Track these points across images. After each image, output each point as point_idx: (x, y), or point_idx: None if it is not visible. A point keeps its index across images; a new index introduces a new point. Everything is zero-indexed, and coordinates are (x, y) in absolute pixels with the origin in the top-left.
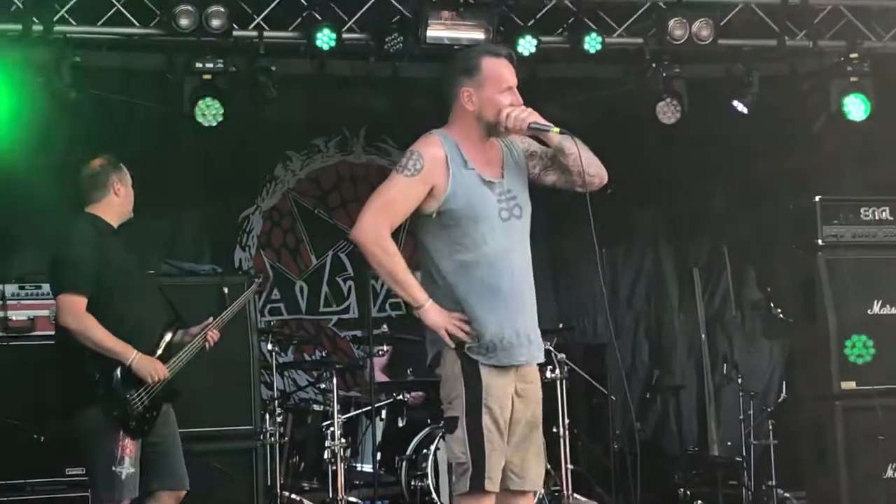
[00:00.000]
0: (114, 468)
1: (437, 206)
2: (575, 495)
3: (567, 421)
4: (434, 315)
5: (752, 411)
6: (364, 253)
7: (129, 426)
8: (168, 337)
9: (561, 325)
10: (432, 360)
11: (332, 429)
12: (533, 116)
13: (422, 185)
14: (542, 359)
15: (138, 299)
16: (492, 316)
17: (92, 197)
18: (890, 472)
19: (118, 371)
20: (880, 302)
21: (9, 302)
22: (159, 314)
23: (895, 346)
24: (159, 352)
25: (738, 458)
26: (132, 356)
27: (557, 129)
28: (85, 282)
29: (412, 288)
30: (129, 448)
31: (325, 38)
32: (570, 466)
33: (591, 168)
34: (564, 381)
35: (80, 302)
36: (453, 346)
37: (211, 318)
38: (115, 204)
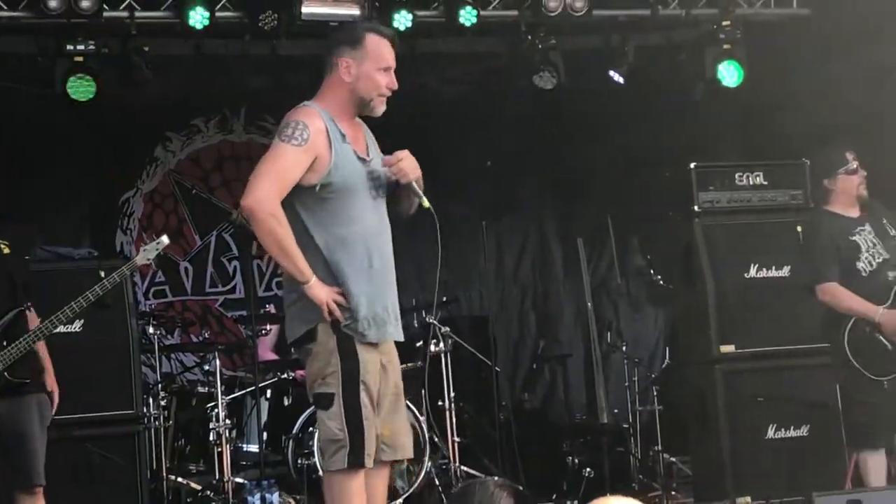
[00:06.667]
0: None
1: (318, 179)
2: (462, 467)
3: (453, 394)
4: (318, 290)
5: (637, 378)
6: (256, 223)
7: None
8: None
9: (445, 299)
10: (302, 336)
11: (216, 410)
12: (419, 175)
13: (308, 156)
14: (402, 336)
15: None
16: (368, 291)
17: None
18: (771, 433)
19: None
20: (756, 266)
21: None
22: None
23: (771, 310)
24: None
25: (624, 425)
26: None
27: (427, 204)
28: None
29: (301, 262)
30: None
31: (198, 17)
32: (456, 439)
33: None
34: (449, 355)
35: None
36: (329, 320)
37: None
38: None
